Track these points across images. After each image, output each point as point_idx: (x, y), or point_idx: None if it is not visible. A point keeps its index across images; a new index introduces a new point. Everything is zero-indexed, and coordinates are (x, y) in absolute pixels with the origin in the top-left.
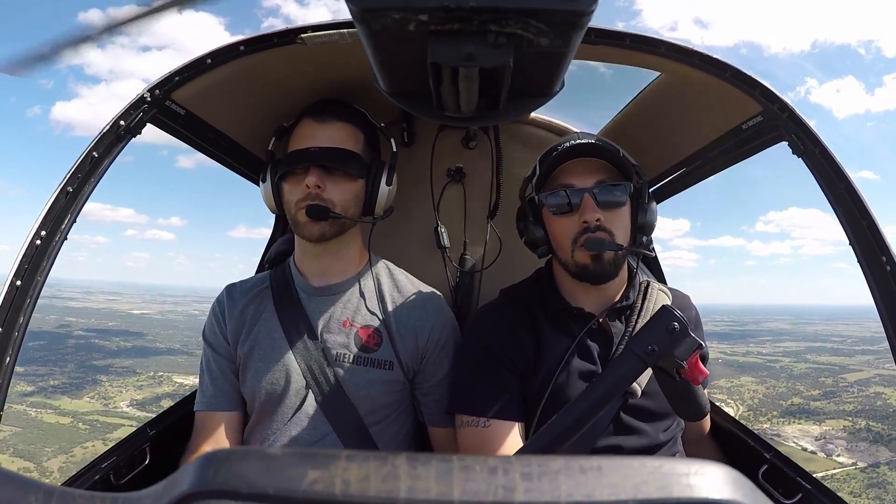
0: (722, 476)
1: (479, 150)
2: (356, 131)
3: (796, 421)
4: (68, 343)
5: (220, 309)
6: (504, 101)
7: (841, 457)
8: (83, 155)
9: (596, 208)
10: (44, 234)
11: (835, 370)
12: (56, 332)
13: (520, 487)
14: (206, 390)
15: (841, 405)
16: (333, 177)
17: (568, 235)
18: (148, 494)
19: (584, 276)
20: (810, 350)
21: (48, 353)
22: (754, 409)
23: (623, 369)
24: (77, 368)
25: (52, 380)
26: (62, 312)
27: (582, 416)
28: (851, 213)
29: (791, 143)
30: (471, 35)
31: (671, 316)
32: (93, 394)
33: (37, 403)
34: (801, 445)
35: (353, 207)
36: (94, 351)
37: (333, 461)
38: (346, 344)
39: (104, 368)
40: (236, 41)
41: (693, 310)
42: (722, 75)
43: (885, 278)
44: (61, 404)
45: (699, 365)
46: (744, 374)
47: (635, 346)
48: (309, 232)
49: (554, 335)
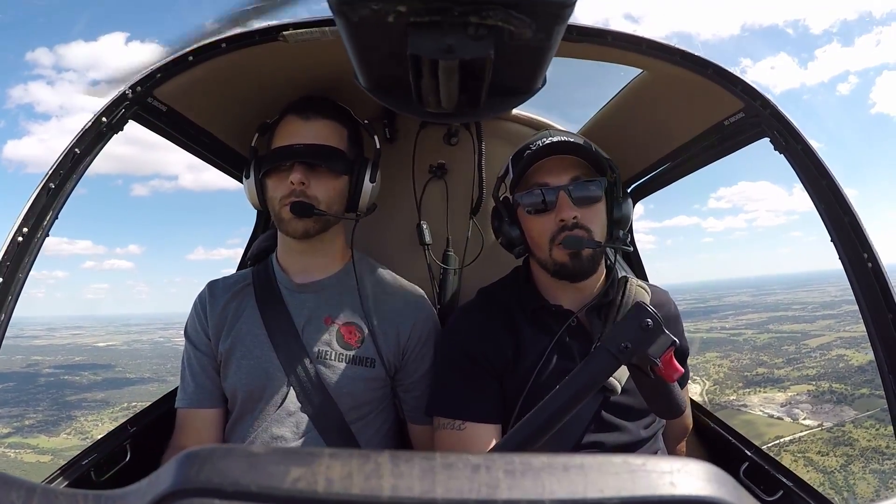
0: (705, 473)
1: (461, 147)
2: (340, 128)
3: (761, 390)
4: (38, 382)
5: (202, 306)
6: (485, 97)
7: (807, 420)
8: (65, 151)
9: (572, 206)
10: (26, 231)
11: (797, 337)
12: (24, 372)
13: (503, 485)
14: (187, 387)
15: (804, 371)
16: (318, 174)
17: (545, 235)
18: (130, 492)
19: (563, 274)
20: (772, 320)
21: (19, 393)
22: (720, 384)
23: (596, 367)
24: (50, 406)
25: (26, 419)
26: (27, 352)
27: (555, 414)
28: (833, 210)
29: (773, 140)
30: (451, 27)
31: (645, 313)
32: (69, 430)
33: (15, 444)
34: (766, 413)
35: (337, 204)
36: (65, 387)
37: (316, 459)
38: (328, 341)
39: (77, 403)
40: (218, 38)
41: (672, 305)
42: (703, 72)
43: (867, 275)
44: (39, 443)
45: (673, 362)
46: (708, 351)
47: (609, 343)
48: (293, 229)
49: (533, 334)
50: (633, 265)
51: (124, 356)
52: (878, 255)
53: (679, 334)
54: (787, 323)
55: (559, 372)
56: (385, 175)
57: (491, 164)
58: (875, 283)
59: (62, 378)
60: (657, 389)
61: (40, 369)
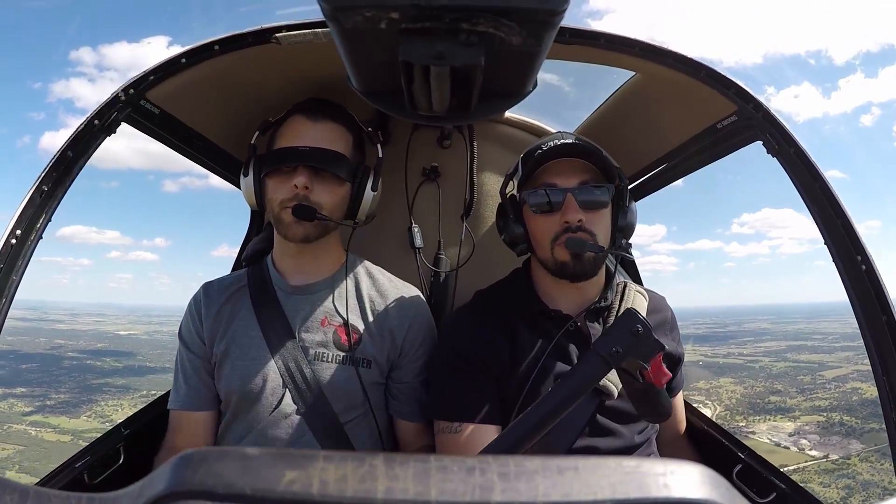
0: (698, 476)
1: (453, 150)
2: (347, 134)
3: (771, 418)
4: (62, 364)
5: (197, 308)
6: (476, 100)
7: (813, 450)
8: (58, 154)
9: (578, 209)
10: (19, 234)
11: (814, 368)
12: (48, 354)
13: (497, 487)
14: (179, 389)
15: (816, 401)
16: (322, 179)
17: (548, 234)
18: (124, 494)
19: (564, 273)
20: (791, 349)
21: (42, 374)
22: (731, 409)
23: (587, 370)
24: (73, 388)
25: (48, 399)
26: (51, 335)
27: (545, 417)
28: (826, 213)
29: (766, 143)
30: (442, 34)
31: (635, 319)
32: (90, 412)
33: (36, 423)
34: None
35: (339, 211)
36: (87, 371)
37: (311, 461)
38: (324, 342)
39: (99, 388)
40: (210, 41)
41: (668, 311)
42: (697, 75)
43: (860, 277)
44: (60, 423)
45: (662, 367)
46: (723, 376)
47: (600, 347)
48: (293, 233)
49: (530, 337)
50: (629, 272)
51: (145, 345)
52: (872, 257)
53: (673, 340)
54: (806, 353)
55: (556, 376)
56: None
57: (484, 167)
58: (869, 285)
59: (85, 363)
60: (644, 394)
61: (64, 353)
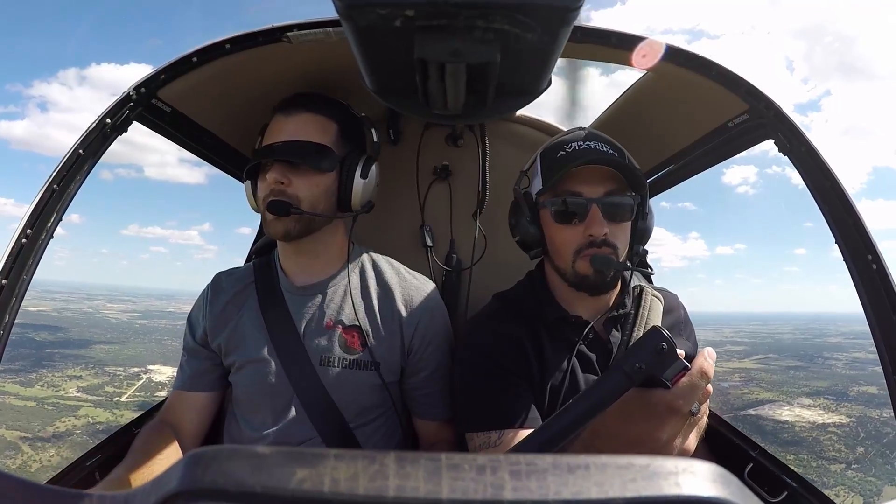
0: (709, 474)
1: (465, 148)
2: (327, 122)
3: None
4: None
5: (205, 299)
6: (491, 98)
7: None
8: (69, 153)
9: (604, 222)
10: (30, 233)
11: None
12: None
13: (508, 486)
14: (184, 370)
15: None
16: (299, 172)
17: (570, 245)
18: (136, 493)
19: (583, 286)
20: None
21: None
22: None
23: (610, 385)
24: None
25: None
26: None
27: (563, 431)
28: (837, 211)
29: (777, 142)
30: (458, 31)
31: (660, 336)
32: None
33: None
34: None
35: (324, 203)
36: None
37: (322, 460)
38: (329, 346)
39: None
40: (221, 40)
41: (681, 309)
42: (708, 74)
43: (871, 276)
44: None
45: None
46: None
47: (624, 363)
48: (273, 229)
49: (552, 345)
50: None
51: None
52: (882, 256)
53: (688, 340)
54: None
55: (579, 383)
56: (389, 177)
57: (495, 166)
58: (880, 283)
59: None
60: None
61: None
